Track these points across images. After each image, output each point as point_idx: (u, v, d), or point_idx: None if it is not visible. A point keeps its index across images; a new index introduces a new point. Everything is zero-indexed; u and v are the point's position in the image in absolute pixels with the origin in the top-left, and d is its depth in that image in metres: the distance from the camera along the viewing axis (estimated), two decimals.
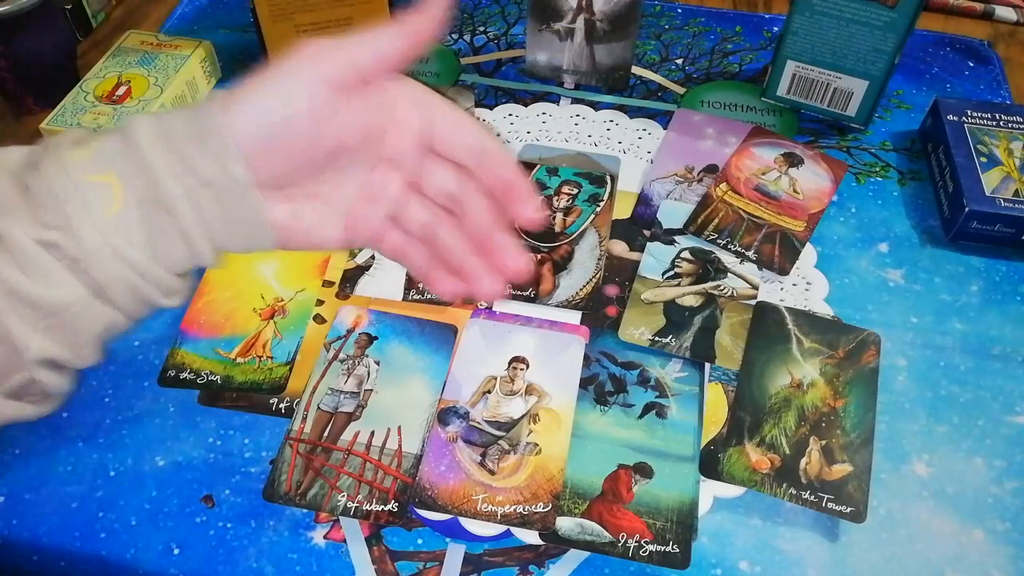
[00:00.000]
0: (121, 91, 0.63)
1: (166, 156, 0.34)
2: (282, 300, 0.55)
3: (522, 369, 0.51)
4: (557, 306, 0.54)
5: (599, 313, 0.54)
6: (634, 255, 0.58)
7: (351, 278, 0.56)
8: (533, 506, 0.45)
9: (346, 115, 0.35)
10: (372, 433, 0.48)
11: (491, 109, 0.68)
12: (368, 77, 0.36)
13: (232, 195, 0.35)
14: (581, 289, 0.55)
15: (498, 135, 0.39)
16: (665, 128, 0.67)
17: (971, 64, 0.74)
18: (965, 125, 0.62)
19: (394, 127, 0.37)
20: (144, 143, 0.34)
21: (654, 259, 0.57)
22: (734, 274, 0.56)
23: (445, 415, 0.49)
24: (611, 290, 0.56)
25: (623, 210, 0.60)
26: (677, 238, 0.58)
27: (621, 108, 0.69)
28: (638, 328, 0.53)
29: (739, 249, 0.57)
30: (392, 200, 0.39)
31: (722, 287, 0.55)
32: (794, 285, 0.56)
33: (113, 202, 0.34)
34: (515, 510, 0.45)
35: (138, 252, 0.35)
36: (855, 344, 0.52)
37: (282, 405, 0.50)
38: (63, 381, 0.39)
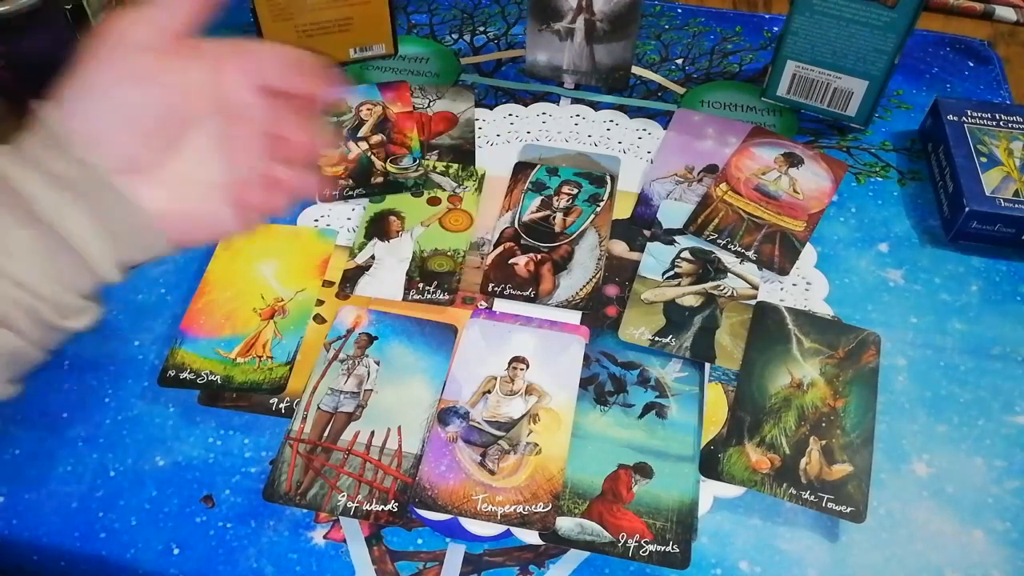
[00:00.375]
0: None
1: (20, 166, 0.34)
2: (282, 300, 0.55)
3: (522, 369, 0.51)
4: (557, 306, 0.54)
5: (599, 313, 0.54)
6: (634, 255, 0.58)
7: (351, 278, 0.56)
8: (533, 506, 0.45)
9: (173, 76, 0.35)
10: (372, 433, 0.48)
11: (491, 109, 0.68)
12: (180, 34, 0.36)
13: (93, 185, 0.34)
14: (581, 289, 0.55)
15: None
16: (665, 128, 0.67)
17: (971, 64, 0.74)
18: (965, 125, 0.62)
19: (228, 87, 0.37)
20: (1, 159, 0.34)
21: (654, 259, 0.57)
22: (734, 274, 0.56)
23: (445, 415, 0.49)
24: (611, 290, 0.56)
25: (623, 210, 0.60)
26: (677, 238, 0.58)
27: (621, 108, 0.69)
28: (638, 328, 0.53)
29: (739, 249, 0.57)
30: (261, 158, 0.38)
31: (722, 287, 0.55)
32: (794, 285, 0.56)
33: None
34: (515, 510, 0.45)
35: (20, 266, 0.34)
36: (855, 344, 0.52)
37: (282, 405, 0.50)
38: None
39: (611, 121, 0.68)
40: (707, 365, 0.52)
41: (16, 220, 0.34)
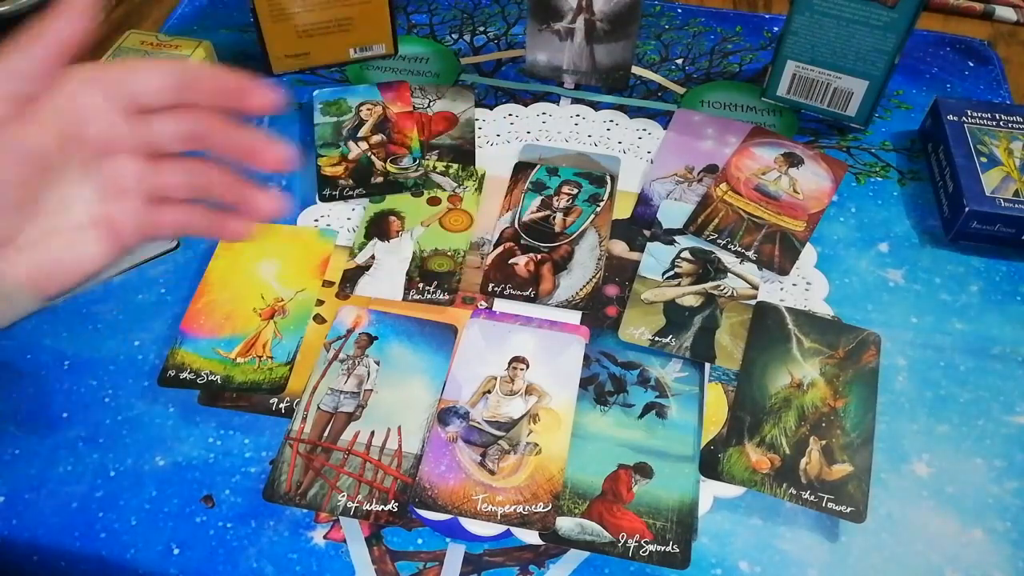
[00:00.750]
0: None
1: None
2: (282, 300, 0.55)
3: (522, 369, 0.51)
4: (557, 306, 0.54)
5: (599, 313, 0.54)
6: (634, 255, 0.58)
7: (351, 278, 0.56)
8: (533, 506, 0.45)
9: (16, 143, 0.33)
10: (372, 433, 0.48)
11: (491, 109, 0.68)
12: (25, 99, 0.33)
13: None
14: (581, 289, 0.55)
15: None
16: (665, 128, 0.67)
17: (971, 64, 0.74)
18: (965, 125, 0.62)
19: (85, 117, 0.35)
20: None
21: (654, 259, 0.57)
22: (734, 274, 0.56)
23: (445, 415, 0.49)
24: (611, 290, 0.56)
25: (623, 210, 0.60)
26: (677, 238, 0.58)
27: (621, 108, 0.69)
28: (638, 328, 0.53)
29: (739, 249, 0.57)
30: (137, 183, 0.36)
31: (722, 287, 0.55)
32: (794, 285, 0.56)
33: None
34: (515, 510, 0.45)
35: None
36: (855, 344, 0.52)
37: (282, 405, 0.50)
38: None
39: (611, 121, 0.68)
40: (707, 365, 0.52)
41: None
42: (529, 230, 0.58)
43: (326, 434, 0.48)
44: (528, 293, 0.55)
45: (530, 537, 0.45)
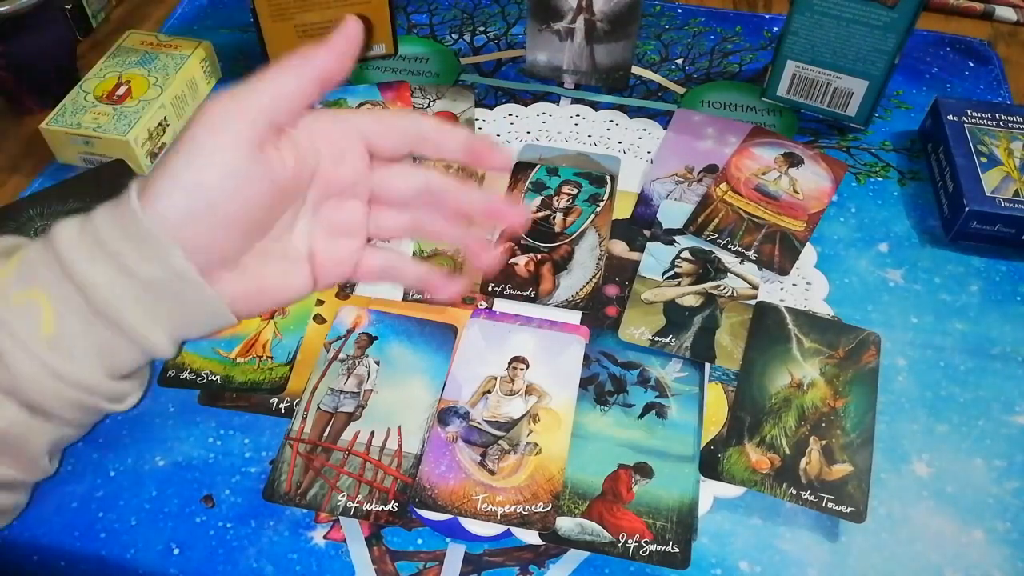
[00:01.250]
0: (121, 91, 0.63)
1: (97, 264, 0.32)
2: None
3: (522, 369, 0.51)
4: (557, 306, 0.54)
5: (599, 313, 0.54)
6: (634, 255, 0.58)
7: None
8: (533, 506, 0.45)
9: (272, 167, 0.33)
10: (372, 433, 0.48)
11: (491, 109, 0.68)
12: (283, 125, 0.34)
13: (177, 288, 0.33)
14: (581, 289, 0.55)
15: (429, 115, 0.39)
16: (665, 128, 0.67)
17: (971, 64, 0.74)
18: (965, 125, 0.62)
19: (328, 159, 0.36)
20: (70, 253, 0.32)
21: (654, 259, 0.57)
22: (734, 274, 0.56)
23: (445, 415, 0.49)
24: (611, 290, 0.56)
25: (623, 210, 0.60)
26: (677, 238, 0.58)
27: (621, 108, 0.69)
28: (638, 328, 0.53)
29: (739, 249, 0.57)
30: (362, 226, 0.38)
31: (722, 287, 0.55)
32: (794, 285, 0.56)
33: (44, 322, 0.32)
34: (515, 510, 0.45)
35: (80, 367, 0.33)
36: (855, 344, 0.52)
37: (282, 405, 0.50)
38: (15, 498, 0.38)
39: (611, 121, 0.68)
40: (707, 365, 0.52)
41: (79, 319, 0.32)
42: (529, 230, 0.58)
43: (326, 434, 0.48)
44: (528, 293, 0.55)
45: (530, 537, 0.45)
